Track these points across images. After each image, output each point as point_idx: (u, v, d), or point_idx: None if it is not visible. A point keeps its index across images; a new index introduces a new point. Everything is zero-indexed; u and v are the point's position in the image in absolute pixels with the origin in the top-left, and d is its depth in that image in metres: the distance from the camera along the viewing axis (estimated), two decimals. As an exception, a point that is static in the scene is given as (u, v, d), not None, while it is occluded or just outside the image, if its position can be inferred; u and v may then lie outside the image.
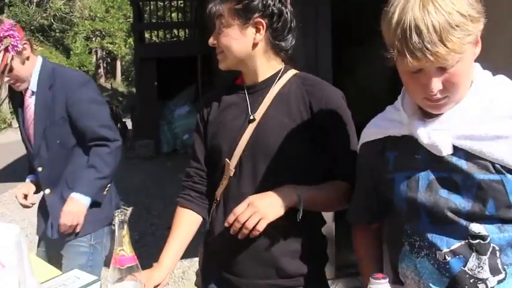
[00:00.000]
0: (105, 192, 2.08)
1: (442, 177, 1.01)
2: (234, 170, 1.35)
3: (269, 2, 1.29)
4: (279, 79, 1.36)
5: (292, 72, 1.39)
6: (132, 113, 13.66)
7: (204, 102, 1.52)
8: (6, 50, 1.13)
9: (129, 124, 13.89)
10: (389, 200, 1.12)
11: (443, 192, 1.01)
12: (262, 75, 1.37)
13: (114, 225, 1.14)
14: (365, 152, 1.20)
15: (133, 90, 20.79)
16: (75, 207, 1.99)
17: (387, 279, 0.90)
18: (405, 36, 0.89)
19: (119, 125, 13.61)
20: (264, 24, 1.30)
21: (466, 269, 1.00)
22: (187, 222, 1.46)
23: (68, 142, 2.04)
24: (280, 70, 1.37)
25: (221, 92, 1.46)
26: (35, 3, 23.54)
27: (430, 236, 1.03)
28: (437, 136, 1.00)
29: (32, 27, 22.63)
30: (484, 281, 0.99)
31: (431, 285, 1.04)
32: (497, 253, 0.98)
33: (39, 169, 2.06)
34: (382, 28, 0.97)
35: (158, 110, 10.04)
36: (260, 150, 1.32)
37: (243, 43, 1.31)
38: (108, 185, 2.08)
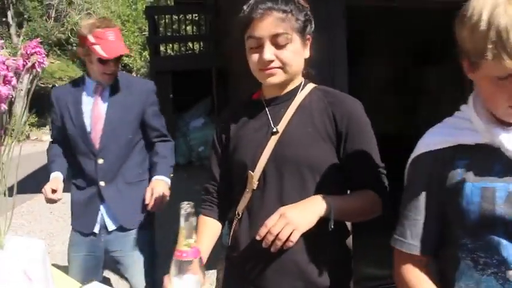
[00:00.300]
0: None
1: None
2: (257, 183, 1.35)
3: (312, 20, 1.36)
4: (300, 91, 1.39)
5: (311, 85, 1.42)
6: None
7: (221, 119, 1.54)
8: (32, 66, 1.17)
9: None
10: (452, 213, 1.05)
11: None
12: (287, 88, 1.39)
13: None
14: (426, 161, 1.10)
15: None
16: (163, 187, 2.21)
17: None
18: (501, 39, 0.87)
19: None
20: (311, 41, 1.36)
21: None
22: (210, 229, 1.49)
23: (135, 139, 2.29)
24: (301, 83, 1.40)
25: (238, 108, 1.49)
26: (53, 18, 23.97)
27: (503, 252, 0.95)
28: None
29: (50, 42, 23.01)
30: None
31: None
32: None
33: (100, 161, 2.20)
34: (463, 34, 0.95)
35: (173, 122, 10.10)
36: (285, 161, 1.32)
37: (302, 59, 1.36)
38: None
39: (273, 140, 1.34)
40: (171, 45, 11.55)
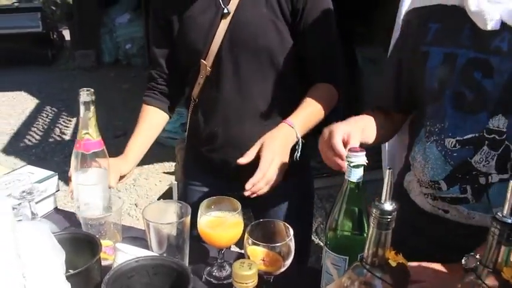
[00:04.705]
0: None
1: (479, 59, 0.96)
2: (210, 70, 1.30)
3: None
4: None
5: None
6: (70, 22, 12.82)
7: None
8: None
9: (66, 33, 13.13)
10: (418, 76, 1.07)
11: (477, 75, 0.96)
12: None
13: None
14: (409, 19, 1.12)
15: (68, -3, 19.34)
16: None
17: (364, 152, 0.84)
18: None
19: (55, 35, 12.83)
20: None
21: (472, 160, 0.98)
22: (153, 118, 1.46)
23: None
24: None
25: None
26: None
27: (446, 121, 1.00)
28: (487, 5, 0.94)
29: None
30: (485, 175, 0.98)
31: (434, 171, 1.03)
32: (511, 154, 0.95)
33: None
34: None
35: (98, 18, 9.49)
36: (240, 45, 1.27)
37: None
38: None
39: (224, 23, 1.26)
40: None
